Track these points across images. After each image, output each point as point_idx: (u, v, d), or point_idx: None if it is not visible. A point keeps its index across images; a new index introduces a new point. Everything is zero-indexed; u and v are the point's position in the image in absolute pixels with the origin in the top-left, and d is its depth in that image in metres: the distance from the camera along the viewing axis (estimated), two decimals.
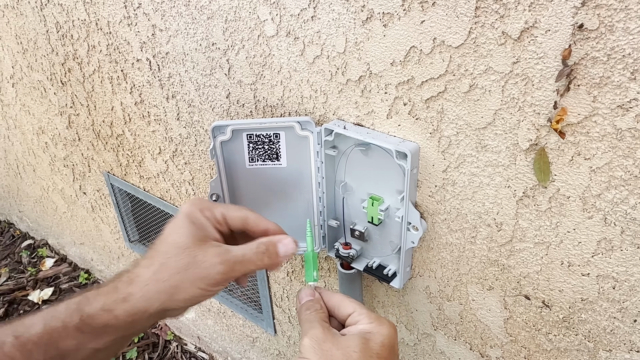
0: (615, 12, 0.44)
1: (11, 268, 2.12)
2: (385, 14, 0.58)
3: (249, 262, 0.51)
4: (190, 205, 0.52)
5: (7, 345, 0.46)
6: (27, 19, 1.23)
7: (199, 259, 0.49)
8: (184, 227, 0.50)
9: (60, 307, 0.49)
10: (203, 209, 0.52)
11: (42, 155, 1.64)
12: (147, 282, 0.49)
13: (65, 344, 0.47)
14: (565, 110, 0.50)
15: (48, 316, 0.48)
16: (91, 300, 0.49)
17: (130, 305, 0.48)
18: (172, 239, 0.50)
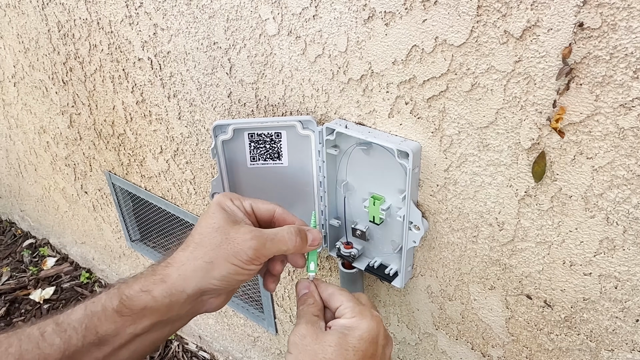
0: (618, 10, 0.44)
1: (12, 267, 2.12)
2: (387, 13, 0.58)
3: (280, 242, 0.53)
4: (221, 196, 0.55)
5: (47, 332, 0.47)
6: (29, 18, 1.23)
7: (232, 236, 0.51)
8: (216, 213, 0.53)
9: (102, 293, 0.50)
10: (233, 199, 0.55)
11: (44, 155, 1.65)
12: (183, 262, 0.50)
13: (104, 329, 0.48)
14: (564, 109, 0.50)
15: (89, 302, 0.50)
16: (130, 284, 0.50)
17: (167, 285, 0.50)
18: (204, 222, 0.52)
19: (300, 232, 0.56)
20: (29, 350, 0.46)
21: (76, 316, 0.48)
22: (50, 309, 1.92)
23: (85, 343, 0.48)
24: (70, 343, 0.47)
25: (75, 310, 0.49)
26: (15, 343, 0.47)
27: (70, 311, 0.49)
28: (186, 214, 1.18)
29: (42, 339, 0.47)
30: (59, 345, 0.47)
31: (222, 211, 0.54)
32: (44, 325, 0.48)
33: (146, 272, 0.51)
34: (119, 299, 0.49)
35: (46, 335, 0.47)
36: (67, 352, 0.47)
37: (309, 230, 0.57)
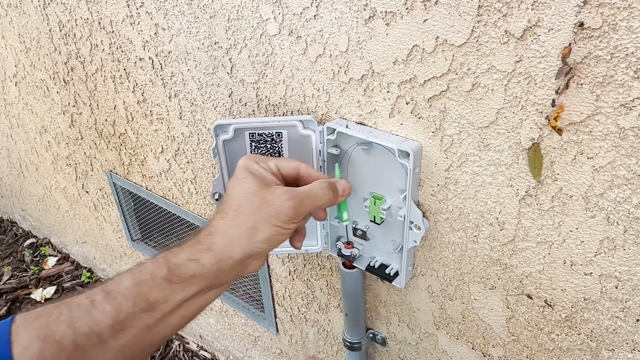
0: (619, 10, 0.44)
1: (14, 267, 2.13)
2: (388, 13, 0.58)
3: (315, 197, 0.56)
4: (245, 159, 0.56)
5: (97, 300, 0.49)
6: (30, 17, 1.23)
7: (269, 199, 0.53)
8: (246, 177, 0.54)
9: (147, 263, 0.51)
10: (258, 161, 0.56)
11: (45, 154, 1.65)
12: (226, 230, 0.52)
13: (154, 295, 0.50)
14: (563, 108, 0.50)
15: (136, 271, 0.51)
16: (176, 252, 0.52)
17: (215, 253, 0.52)
18: (238, 189, 0.54)
19: (330, 185, 0.58)
20: (80, 317, 0.48)
21: (125, 284, 0.50)
22: None
23: (136, 310, 0.49)
24: (121, 310, 0.49)
25: (123, 279, 0.50)
26: (65, 311, 0.48)
27: (118, 280, 0.51)
28: (187, 214, 1.18)
29: (92, 306, 0.48)
30: (110, 312, 0.48)
31: (252, 175, 0.55)
32: (92, 294, 0.49)
33: (190, 242, 0.53)
34: (167, 267, 0.51)
35: (96, 303, 0.49)
36: (118, 319, 0.49)
37: (337, 182, 0.60)
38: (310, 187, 0.56)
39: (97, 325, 0.48)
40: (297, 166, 0.60)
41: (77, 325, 0.48)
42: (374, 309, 0.89)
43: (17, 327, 0.48)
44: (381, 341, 0.91)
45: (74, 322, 0.48)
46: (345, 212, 0.65)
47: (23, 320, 0.48)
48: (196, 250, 0.52)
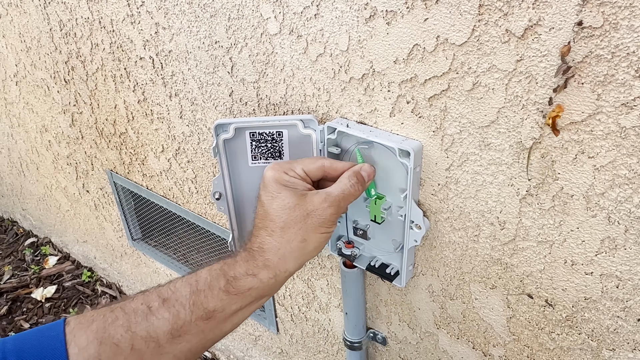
0: (620, 9, 0.44)
1: (14, 266, 2.13)
2: (389, 12, 0.58)
3: (349, 195, 0.60)
4: (273, 171, 0.58)
5: (154, 307, 0.52)
6: (31, 17, 1.23)
7: (310, 209, 0.56)
8: (281, 192, 0.56)
9: (202, 273, 0.54)
10: (286, 170, 0.58)
11: (46, 154, 1.65)
12: (278, 247, 0.55)
13: (211, 305, 0.53)
14: (561, 107, 0.50)
15: (192, 280, 0.54)
16: (232, 266, 0.55)
17: (271, 269, 0.55)
18: (277, 205, 0.56)
19: (357, 176, 0.61)
20: (138, 322, 0.51)
21: (182, 293, 0.53)
22: (52, 307, 1.92)
23: (193, 317, 0.52)
24: (179, 317, 0.52)
25: (179, 287, 0.53)
26: (121, 316, 0.51)
27: (173, 288, 0.53)
28: (187, 213, 1.18)
29: (149, 312, 0.51)
30: (168, 319, 0.51)
31: (285, 188, 0.57)
32: (148, 300, 0.52)
33: (244, 256, 0.56)
34: (226, 279, 0.54)
35: (153, 309, 0.52)
36: (176, 325, 0.52)
37: (362, 169, 0.63)
38: (342, 187, 0.59)
39: (155, 330, 0.51)
40: (321, 165, 0.62)
41: (134, 330, 0.50)
42: (375, 309, 0.89)
43: (71, 329, 0.50)
44: (382, 340, 0.91)
45: (132, 327, 0.50)
46: (372, 188, 0.69)
47: (77, 322, 0.51)
48: (252, 266, 0.55)
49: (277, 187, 0.57)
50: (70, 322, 0.51)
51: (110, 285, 1.94)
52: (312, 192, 0.58)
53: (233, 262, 0.56)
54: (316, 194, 0.57)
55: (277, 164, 0.60)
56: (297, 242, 0.56)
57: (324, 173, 0.62)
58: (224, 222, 1.10)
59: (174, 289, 0.53)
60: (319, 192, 0.58)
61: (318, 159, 0.63)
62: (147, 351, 0.51)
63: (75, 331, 0.50)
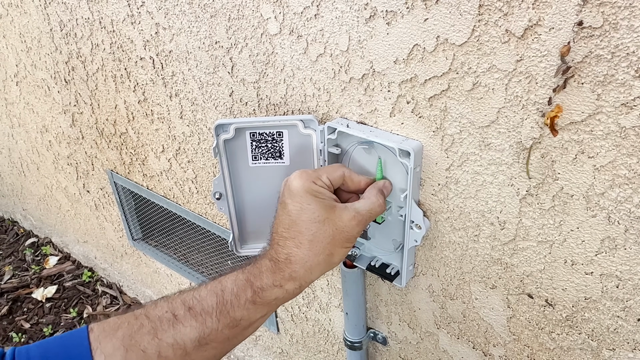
0: (620, 9, 0.44)
1: (15, 266, 2.13)
2: (389, 12, 0.58)
3: (375, 214, 0.61)
4: (302, 179, 0.58)
5: (180, 315, 0.53)
6: (31, 17, 1.23)
7: (339, 225, 0.57)
8: (312, 203, 0.57)
9: (227, 282, 0.55)
10: (314, 179, 0.59)
11: (46, 154, 1.65)
12: (305, 260, 0.56)
13: (238, 314, 0.55)
14: (561, 108, 0.50)
15: (218, 290, 0.55)
16: (258, 277, 0.56)
17: (298, 281, 0.57)
18: (306, 217, 0.56)
19: (383, 194, 0.63)
20: (164, 330, 0.52)
21: (208, 302, 0.54)
22: (52, 307, 1.92)
23: (220, 326, 0.54)
24: (205, 325, 0.53)
25: (204, 296, 0.54)
26: (146, 323, 0.52)
27: (198, 296, 0.54)
28: (188, 213, 1.18)
29: (176, 320, 0.52)
30: (196, 327, 0.53)
31: (315, 199, 0.57)
32: (173, 308, 0.53)
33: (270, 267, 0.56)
34: (252, 290, 0.55)
35: (179, 318, 0.52)
36: (203, 334, 0.53)
37: (384, 187, 0.65)
38: (370, 205, 0.61)
39: (182, 338, 0.52)
40: (342, 174, 0.63)
41: (161, 337, 0.51)
42: (375, 309, 0.89)
43: (96, 336, 0.50)
44: (382, 340, 0.91)
45: (158, 334, 0.51)
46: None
47: (102, 329, 0.51)
48: (279, 277, 0.56)
49: (306, 197, 0.57)
50: (93, 329, 0.51)
51: (111, 285, 1.95)
52: (340, 207, 0.59)
53: (258, 272, 0.56)
54: (345, 209, 0.58)
55: (304, 172, 0.60)
56: (325, 255, 0.57)
57: (343, 182, 0.64)
58: (224, 222, 1.10)
59: (199, 298, 0.54)
60: (347, 207, 0.59)
61: (338, 167, 0.64)
62: (174, 358, 0.52)
63: (100, 338, 0.50)
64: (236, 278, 0.56)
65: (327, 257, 0.58)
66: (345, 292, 0.86)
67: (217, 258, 1.28)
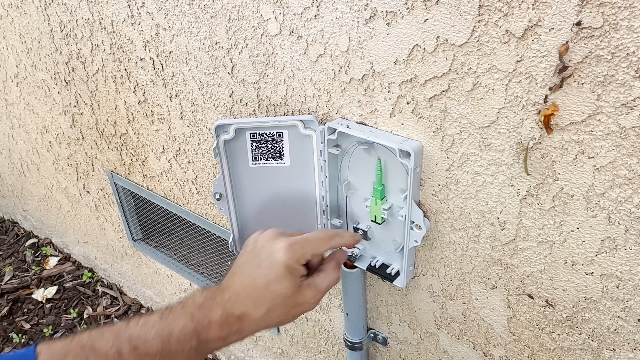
0: (620, 10, 0.44)
1: (15, 266, 2.13)
2: (389, 13, 0.58)
3: (331, 287, 0.64)
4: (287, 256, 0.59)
5: (124, 353, 0.53)
6: (31, 18, 1.23)
7: (299, 301, 0.60)
8: (286, 279, 0.58)
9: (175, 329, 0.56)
10: (299, 258, 0.60)
11: (46, 154, 1.65)
12: (258, 322, 0.59)
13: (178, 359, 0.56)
14: (556, 107, 0.50)
15: (164, 334, 0.55)
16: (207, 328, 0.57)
17: (241, 336, 0.59)
18: (276, 288, 0.58)
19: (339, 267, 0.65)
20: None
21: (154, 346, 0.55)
22: (52, 308, 1.92)
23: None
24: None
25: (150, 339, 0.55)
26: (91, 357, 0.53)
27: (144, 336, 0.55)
28: (188, 214, 1.18)
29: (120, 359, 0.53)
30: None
31: (291, 277, 0.59)
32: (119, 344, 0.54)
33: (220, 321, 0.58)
34: (197, 340, 0.56)
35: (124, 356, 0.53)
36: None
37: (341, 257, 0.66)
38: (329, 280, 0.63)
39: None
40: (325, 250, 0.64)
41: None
42: (375, 309, 0.89)
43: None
44: (382, 341, 0.91)
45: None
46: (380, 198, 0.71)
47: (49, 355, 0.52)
48: (226, 332, 0.58)
49: (284, 273, 0.59)
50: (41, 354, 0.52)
51: (111, 285, 1.95)
52: (305, 285, 0.61)
53: (207, 323, 0.57)
54: (308, 287, 0.61)
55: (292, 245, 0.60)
56: (275, 322, 0.60)
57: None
58: (225, 222, 1.10)
59: (144, 339, 0.55)
60: (310, 285, 0.61)
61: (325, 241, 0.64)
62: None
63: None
64: (184, 326, 0.56)
65: (277, 324, 0.61)
66: (346, 292, 0.86)
67: (218, 258, 1.28)
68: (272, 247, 0.60)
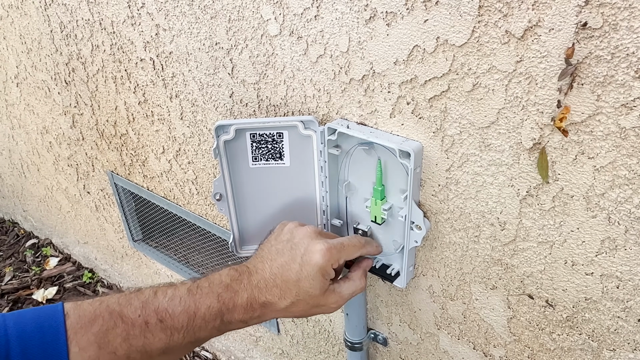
0: (619, 10, 0.44)
1: (15, 267, 2.13)
2: (389, 13, 0.58)
3: (355, 295, 0.67)
4: (324, 260, 0.61)
5: (151, 324, 0.56)
6: (31, 18, 1.23)
7: (322, 303, 0.63)
8: (316, 281, 0.61)
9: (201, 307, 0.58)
10: (334, 262, 0.62)
11: (46, 155, 1.65)
12: (279, 312, 0.62)
13: (201, 335, 0.59)
14: (568, 109, 0.50)
15: (191, 311, 0.58)
16: (231, 311, 0.60)
17: (261, 320, 0.62)
18: (305, 286, 0.61)
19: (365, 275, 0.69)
20: (135, 336, 0.55)
21: (180, 321, 0.57)
22: None
23: (185, 342, 0.58)
24: (172, 339, 0.57)
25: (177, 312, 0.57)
26: (120, 325, 0.55)
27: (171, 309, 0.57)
28: (188, 214, 1.18)
29: (147, 329, 0.56)
30: (163, 339, 0.56)
31: (322, 279, 0.61)
32: (146, 315, 0.56)
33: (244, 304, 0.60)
34: (221, 320, 0.59)
35: (150, 327, 0.56)
36: (168, 346, 0.57)
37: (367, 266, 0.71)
38: (354, 288, 0.66)
39: (150, 346, 0.56)
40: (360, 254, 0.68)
41: (132, 342, 0.55)
42: (375, 309, 0.89)
43: (72, 324, 0.53)
44: (382, 341, 0.91)
45: (130, 339, 0.55)
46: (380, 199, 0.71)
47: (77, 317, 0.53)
48: (249, 316, 0.61)
49: (317, 274, 0.61)
50: (70, 315, 0.53)
51: (111, 286, 1.95)
52: (331, 288, 0.63)
53: (232, 305, 0.60)
54: (333, 292, 0.63)
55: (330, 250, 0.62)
56: (296, 314, 0.63)
57: None
58: (225, 223, 1.10)
59: (171, 313, 0.57)
60: (335, 291, 0.64)
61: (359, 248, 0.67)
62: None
63: (76, 329, 0.52)
64: (210, 306, 0.59)
65: (296, 315, 0.64)
66: None
67: (218, 259, 1.28)
68: (310, 246, 0.62)
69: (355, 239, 0.67)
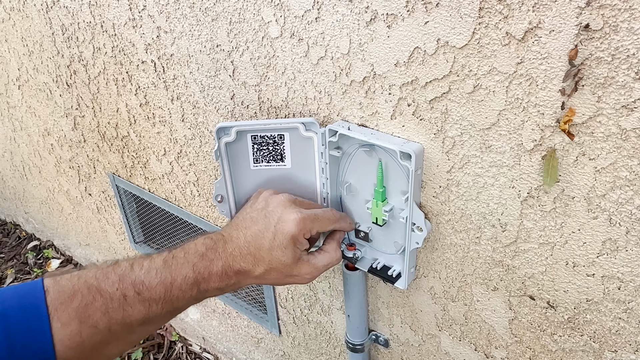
0: (620, 12, 0.44)
1: (17, 269, 2.13)
2: (389, 15, 0.58)
3: (330, 267, 0.68)
4: (297, 228, 0.62)
5: (129, 297, 0.57)
6: (33, 21, 1.24)
7: (294, 272, 0.64)
8: (288, 249, 0.62)
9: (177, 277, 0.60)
10: (306, 232, 0.63)
11: (48, 157, 1.65)
12: (254, 279, 0.63)
13: (179, 305, 0.61)
14: (573, 111, 0.50)
15: (167, 282, 0.59)
16: (207, 280, 0.61)
17: (237, 287, 0.64)
18: (277, 255, 0.62)
19: (339, 246, 0.70)
20: (114, 309, 0.56)
21: (157, 293, 0.58)
22: None
23: (164, 312, 0.59)
24: (150, 310, 0.58)
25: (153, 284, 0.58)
26: (98, 299, 0.55)
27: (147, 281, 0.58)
28: (190, 216, 1.18)
29: (125, 302, 0.57)
30: (142, 311, 0.58)
31: (294, 248, 0.62)
32: (124, 289, 0.57)
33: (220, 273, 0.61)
34: (197, 289, 0.61)
35: (129, 300, 0.57)
36: (147, 317, 0.58)
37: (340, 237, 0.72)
38: (329, 259, 0.67)
39: (129, 318, 0.57)
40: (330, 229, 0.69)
41: (112, 316, 0.56)
42: (377, 311, 0.89)
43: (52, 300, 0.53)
44: (384, 343, 0.91)
45: (109, 312, 0.56)
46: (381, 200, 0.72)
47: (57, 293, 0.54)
48: (225, 284, 0.62)
49: (289, 243, 0.62)
50: (49, 291, 0.54)
51: None
52: (304, 259, 0.64)
53: (208, 274, 0.61)
54: (307, 262, 0.64)
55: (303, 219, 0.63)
56: (270, 281, 0.64)
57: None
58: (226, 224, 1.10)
59: (148, 285, 0.58)
60: (308, 261, 0.65)
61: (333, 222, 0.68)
62: (121, 333, 0.57)
63: (56, 305, 0.53)
64: (186, 276, 0.60)
65: (271, 283, 0.65)
66: (347, 294, 0.86)
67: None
68: (284, 215, 0.63)
69: (330, 212, 0.68)
